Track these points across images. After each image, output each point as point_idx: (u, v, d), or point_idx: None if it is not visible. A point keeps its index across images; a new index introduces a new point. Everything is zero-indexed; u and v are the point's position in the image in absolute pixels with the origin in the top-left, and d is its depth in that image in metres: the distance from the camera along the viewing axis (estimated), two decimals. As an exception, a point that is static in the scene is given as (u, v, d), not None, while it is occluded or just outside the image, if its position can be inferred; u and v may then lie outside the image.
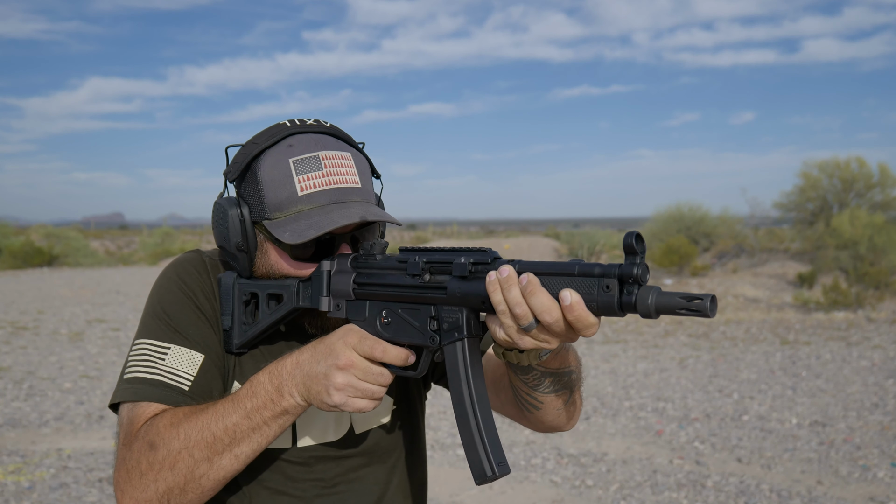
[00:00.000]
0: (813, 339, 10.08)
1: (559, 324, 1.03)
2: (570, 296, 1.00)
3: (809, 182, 17.37)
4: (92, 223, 53.25)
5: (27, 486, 4.86)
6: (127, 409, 1.27)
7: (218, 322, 1.36)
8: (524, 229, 51.37)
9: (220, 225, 1.33)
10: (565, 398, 1.32)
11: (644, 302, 0.97)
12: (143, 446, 1.20)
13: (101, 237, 35.71)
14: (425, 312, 1.17)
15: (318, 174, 1.29)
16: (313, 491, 1.37)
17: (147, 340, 1.31)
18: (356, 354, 1.17)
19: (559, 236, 26.26)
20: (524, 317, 1.03)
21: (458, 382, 1.16)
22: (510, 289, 1.04)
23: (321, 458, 1.38)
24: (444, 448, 5.67)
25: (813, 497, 4.64)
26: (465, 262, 1.12)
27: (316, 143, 1.32)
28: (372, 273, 1.24)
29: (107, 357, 9.13)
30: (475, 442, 1.15)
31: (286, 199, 1.28)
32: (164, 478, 1.18)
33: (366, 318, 1.24)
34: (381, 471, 1.44)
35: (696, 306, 0.94)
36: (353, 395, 1.17)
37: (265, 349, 1.38)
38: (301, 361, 1.20)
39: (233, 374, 1.36)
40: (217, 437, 1.19)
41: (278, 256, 1.33)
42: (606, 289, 0.99)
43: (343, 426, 1.40)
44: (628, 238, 0.98)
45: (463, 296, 1.12)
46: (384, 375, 1.19)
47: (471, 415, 1.16)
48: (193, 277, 1.36)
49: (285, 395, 1.19)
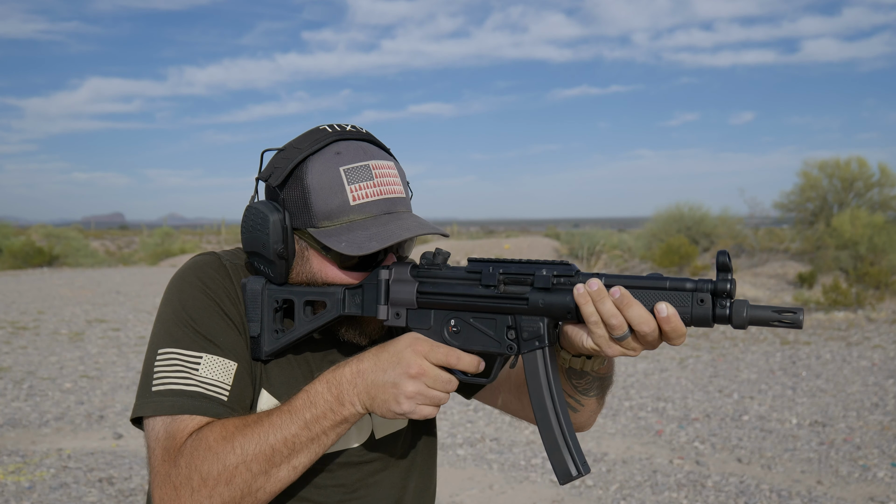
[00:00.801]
0: (813, 339, 10.08)
1: (654, 334, 1.09)
2: (666, 308, 1.07)
3: (809, 182, 17.37)
4: (92, 223, 53.25)
5: (27, 486, 4.86)
6: (164, 423, 1.22)
7: (244, 328, 1.32)
8: (524, 229, 51.39)
9: (256, 230, 1.30)
10: (602, 400, 1.39)
11: (739, 315, 1.05)
12: (192, 461, 1.17)
13: (101, 237, 35.73)
14: (502, 322, 1.21)
15: (369, 184, 1.28)
16: (336, 497, 1.37)
17: (175, 349, 1.26)
18: (427, 363, 1.18)
19: (559, 236, 26.27)
20: (619, 327, 1.09)
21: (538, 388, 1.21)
22: (603, 301, 1.09)
23: (344, 465, 1.38)
24: (444, 448, 5.67)
25: (813, 497, 4.64)
26: (548, 275, 1.16)
27: (364, 152, 1.31)
28: (438, 282, 1.26)
29: (107, 357, 9.13)
30: (559, 444, 1.20)
31: (337, 209, 1.27)
32: (219, 493, 1.16)
33: (430, 326, 1.26)
34: (398, 474, 1.45)
35: (789, 318, 1.03)
36: (422, 403, 1.18)
37: (292, 357, 1.36)
38: (363, 370, 1.19)
39: (260, 381, 1.33)
40: (276, 450, 1.17)
41: (322, 265, 1.31)
42: (701, 302, 1.08)
43: (365, 431, 1.39)
44: (722, 256, 1.06)
45: (546, 307, 1.17)
46: (452, 383, 1.20)
47: (553, 419, 1.21)
48: (217, 281, 1.32)
49: (346, 405, 1.19)
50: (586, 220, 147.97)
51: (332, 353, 1.39)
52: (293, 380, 1.34)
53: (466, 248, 22.23)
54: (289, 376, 1.34)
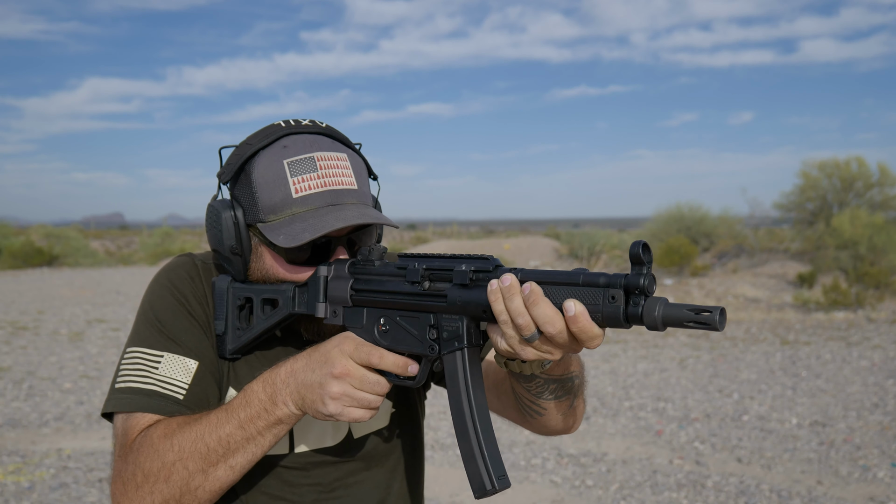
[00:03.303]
0: (813, 339, 10.08)
1: (562, 335, 1.00)
2: (573, 306, 0.98)
3: (809, 182, 17.37)
4: (92, 223, 53.23)
5: (27, 486, 4.86)
6: (121, 420, 1.25)
7: (211, 328, 1.33)
8: (524, 229, 51.35)
9: (213, 227, 1.30)
10: (568, 403, 1.31)
11: (651, 314, 0.94)
12: (137, 458, 1.19)
13: (101, 237, 35.72)
14: (424, 321, 1.15)
15: (313, 176, 1.26)
16: (311, 496, 1.36)
17: (139, 348, 1.28)
18: (352, 363, 1.15)
19: (559, 236, 26.24)
20: (526, 327, 1.01)
21: (457, 393, 1.13)
22: (512, 298, 1.01)
23: (319, 464, 1.37)
24: (444, 448, 5.67)
25: (813, 497, 4.64)
26: (465, 270, 1.09)
27: (311, 144, 1.29)
28: (370, 279, 1.22)
29: (107, 357, 9.13)
30: (475, 455, 1.12)
31: (280, 202, 1.26)
32: (159, 490, 1.17)
33: (363, 325, 1.22)
34: (381, 475, 1.43)
35: (705, 319, 0.91)
36: (349, 405, 1.15)
37: (260, 355, 1.36)
38: (295, 370, 1.18)
39: (227, 380, 1.34)
40: (211, 449, 1.17)
41: (273, 260, 1.30)
42: (612, 299, 0.97)
43: (341, 431, 1.38)
44: (635, 248, 0.95)
45: (464, 304, 1.09)
46: (381, 384, 1.16)
47: (470, 427, 1.13)
48: (185, 282, 1.33)
49: (279, 405, 1.17)
50: (586, 220, 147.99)
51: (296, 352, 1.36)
52: None
53: (466, 249, 22.23)
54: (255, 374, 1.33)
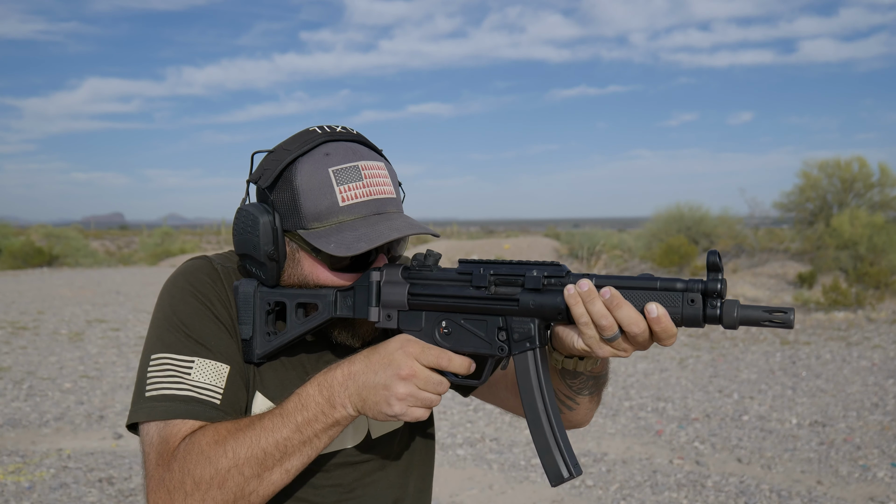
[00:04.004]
0: (813, 339, 10.08)
1: (645, 334, 1.09)
2: (656, 309, 1.07)
3: (809, 182, 17.37)
4: (92, 223, 53.22)
5: (27, 486, 4.86)
6: (156, 428, 1.23)
7: (236, 331, 1.33)
8: (524, 229, 51.37)
9: (247, 232, 1.30)
10: (598, 398, 1.39)
11: (730, 315, 1.05)
12: (185, 465, 1.17)
13: (101, 237, 35.72)
14: (493, 323, 1.21)
15: (358, 185, 1.28)
16: (333, 497, 1.37)
17: (167, 355, 1.27)
18: (418, 364, 1.18)
19: (559, 236, 26.25)
20: (609, 328, 1.09)
21: (530, 389, 1.21)
22: (593, 302, 1.09)
23: (340, 465, 1.38)
24: (444, 448, 5.67)
25: (813, 497, 4.64)
26: (538, 275, 1.16)
27: (353, 153, 1.30)
28: (428, 284, 1.26)
29: (107, 357, 9.13)
30: (550, 446, 1.20)
31: (326, 210, 1.27)
32: (212, 497, 1.16)
33: (422, 328, 1.26)
34: (396, 474, 1.45)
35: (779, 318, 1.02)
36: (413, 405, 1.18)
37: (285, 359, 1.36)
38: (354, 372, 1.19)
39: (253, 384, 1.33)
40: (268, 453, 1.17)
41: (313, 267, 1.31)
42: (691, 302, 1.07)
43: (361, 432, 1.40)
44: (712, 256, 1.05)
45: (538, 307, 1.16)
46: (444, 384, 1.20)
47: (545, 420, 1.21)
48: (207, 286, 1.32)
49: (337, 407, 1.19)
50: (586, 220, 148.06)
51: (327, 355, 1.39)
52: (287, 382, 1.34)
53: (466, 248, 22.21)
54: (283, 379, 1.34)
